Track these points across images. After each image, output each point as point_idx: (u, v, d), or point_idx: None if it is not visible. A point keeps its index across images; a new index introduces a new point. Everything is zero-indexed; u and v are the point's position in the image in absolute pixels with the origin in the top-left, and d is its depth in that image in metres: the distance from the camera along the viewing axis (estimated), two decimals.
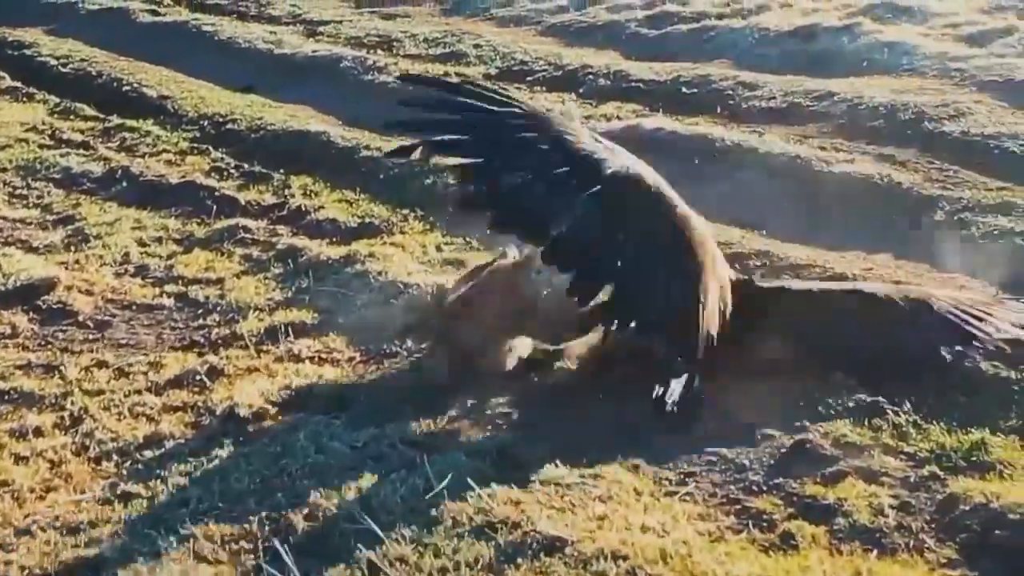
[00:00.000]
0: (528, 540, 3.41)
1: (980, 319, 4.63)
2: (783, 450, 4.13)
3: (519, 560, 3.31)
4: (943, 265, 5.51)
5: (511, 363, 4.53)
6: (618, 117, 8.03)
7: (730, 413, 4.35)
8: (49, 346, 5.00)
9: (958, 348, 4.52)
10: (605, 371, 4.52)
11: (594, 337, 4.52)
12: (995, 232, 5.76)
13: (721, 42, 9.94)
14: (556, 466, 3.92)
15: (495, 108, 4.56)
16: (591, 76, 9.17)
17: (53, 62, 10.79)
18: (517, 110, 4.58)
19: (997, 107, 7.55)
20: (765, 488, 3.92)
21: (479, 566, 3.29)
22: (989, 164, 6.63)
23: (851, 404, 4.36)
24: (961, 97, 7.73)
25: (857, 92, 7.98)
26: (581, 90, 8.90)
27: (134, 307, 5.42)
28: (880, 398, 4.36)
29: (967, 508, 3.68)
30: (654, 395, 4.17)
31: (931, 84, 8.19)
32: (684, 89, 8.64)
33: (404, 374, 4.66)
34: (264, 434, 4.09)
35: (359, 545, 3.37)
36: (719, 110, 8.10)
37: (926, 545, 3.56)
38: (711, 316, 4.41)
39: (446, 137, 4.42)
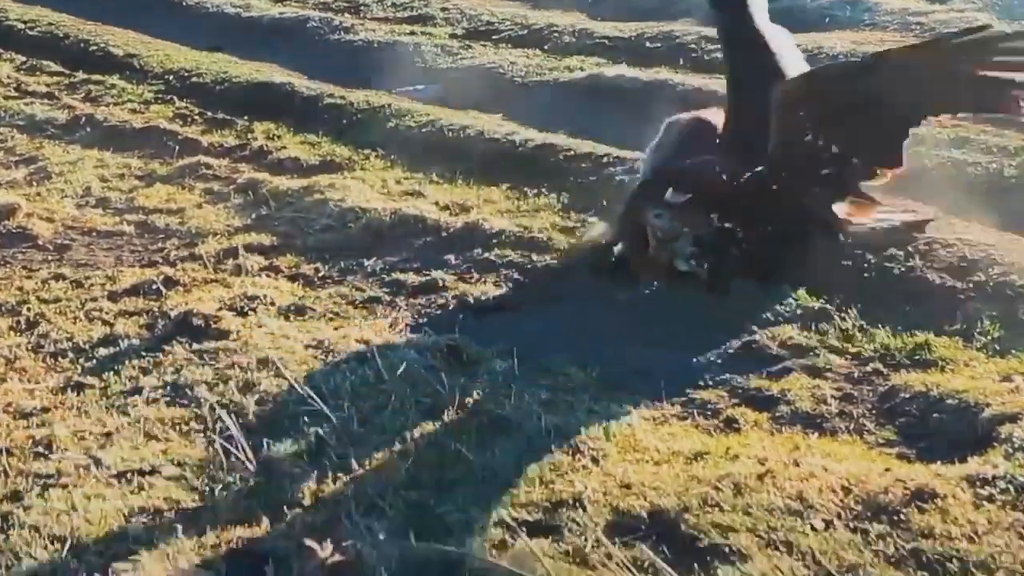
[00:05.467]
0: (475, 420, 3.47)
1: None
2: (731, 351, 4.20)
3: (464, 436, 3.37)
4: (896, 192, 5.57)
5: None
6: (581, 68, 8.07)
7: (684, 318, 4.42)
8: (8, 265, 5.02)
9: None
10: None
11: None
12: (947, 163, 5.83)
13: (687, 3, 9.97)
14: (505, 361, 3.98)
15: None
16: (556, 34, 9.20)
17: (20, 25, 10.73)
18: None
19: None
20: (712, 383, 3.98)
21: (425, 440, 3.34)
22: None
23: (799, 311, 4.43)
24: None
25: (817, 44, 8.03)
26: (546, 47, 8.93)
27: (94, 233, 5.45)
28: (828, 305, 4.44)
29: (907, 396, 3.77)
30: None
31: (891, 37, 8.23)
32: (648, 44, 8.67)
33: (358, 286, 4.72)
34: (219, 335, 4.12)
35: (307, 421, 3.43)
36: (681, 62, 8.14)
37: (866, 428, 3.64)
38: None
39: None
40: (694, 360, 4.13)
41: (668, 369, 4.10)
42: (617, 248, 4.74)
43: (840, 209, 4.62)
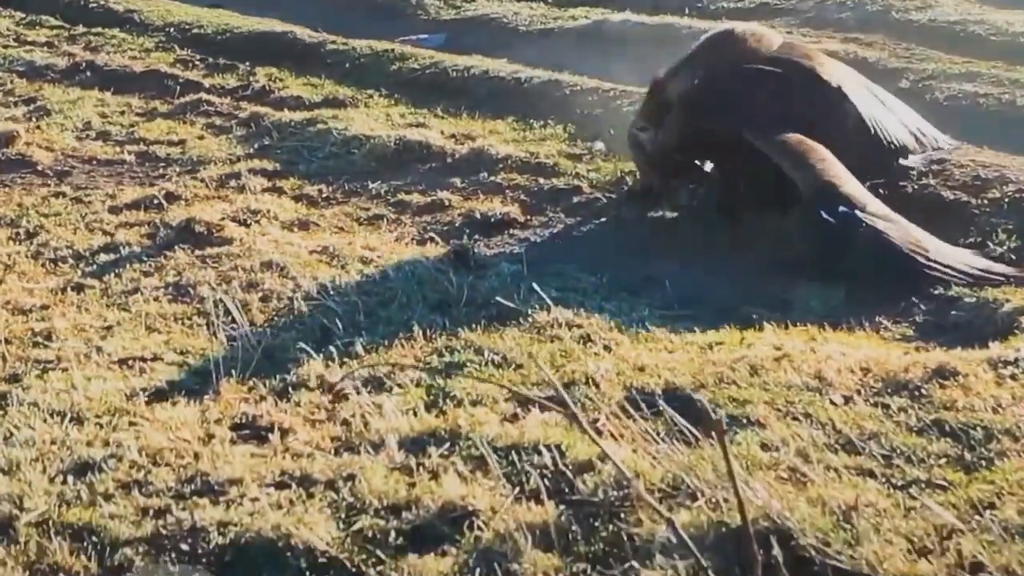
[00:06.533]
0: (483, 312, 3.41)
1: None
2: (742, 263, 4.11)
3: (473, 325, 3.30)
4: None
5: None
6: (586, 17, 8.00)
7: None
8: (7, 188, 4.94)
9: None
10: None
11: None
12: (959, 95, 5.76)
13: None
14: (514, 264, 3.91)
15: None
16: None
17: None
18: None
19: (963, 1, 7.56)
20: (723, 289, 3.89)
21: (433, 330, 3.27)
22: (955, 44, 6.65)
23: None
24: None
25: None
26: (550, 1, 8.87)
27: (94, 161, 5.38)
28: None
29: (924, 297, 3.68)
30: None
31: None
32: None
33: (363, 206, 4.65)
34: (221, 242, 4.05)
35: (312, 314, 3.36)
36: (687, 11, 8.08)
37: (883, 325, 3.55)
38: None
39: None
40: (706, 271, 4.05)
41: (680, 279, 4.02)
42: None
43: None
